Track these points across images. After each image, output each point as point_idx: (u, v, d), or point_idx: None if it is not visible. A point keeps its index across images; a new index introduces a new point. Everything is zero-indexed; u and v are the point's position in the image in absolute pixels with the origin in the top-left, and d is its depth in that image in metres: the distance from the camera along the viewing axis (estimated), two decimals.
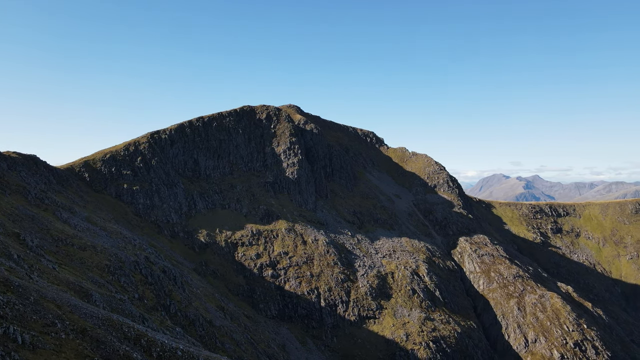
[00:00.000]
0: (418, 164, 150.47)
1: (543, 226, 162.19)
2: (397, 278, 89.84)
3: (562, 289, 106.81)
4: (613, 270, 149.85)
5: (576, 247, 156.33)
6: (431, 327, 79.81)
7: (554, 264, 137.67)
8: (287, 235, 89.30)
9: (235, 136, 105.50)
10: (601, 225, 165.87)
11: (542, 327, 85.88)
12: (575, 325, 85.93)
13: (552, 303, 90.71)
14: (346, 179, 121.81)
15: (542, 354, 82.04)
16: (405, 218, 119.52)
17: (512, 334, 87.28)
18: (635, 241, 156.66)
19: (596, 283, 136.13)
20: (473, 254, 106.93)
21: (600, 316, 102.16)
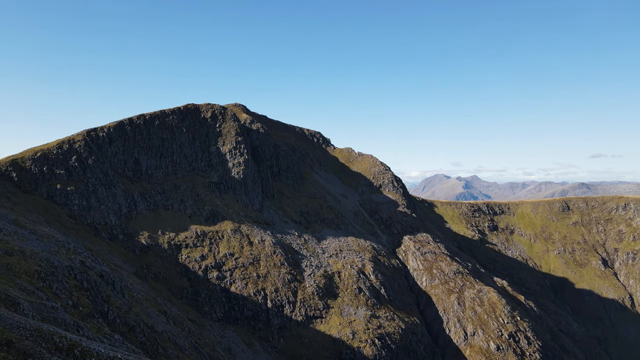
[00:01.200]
0: (364, 165, 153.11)
1: (481, 224, 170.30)
2: (344, 277, 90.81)
3: (498, 284, 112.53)
4: (543, 264, 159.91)
5: (510, 244, 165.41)
6: (377, 324, 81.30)
7: (490, 260, 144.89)
8: (233, 236, 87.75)
9: (179, 135, 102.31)
10: (532, 223, 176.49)
11: (480, 320, 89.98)
12: (510, 317, 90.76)
13: (489, 297, 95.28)
14: (293, 179, 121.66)
15: (479, 346, 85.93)
16: (352, 217, 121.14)
17: (453, 327, 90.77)
18: (562, 237, 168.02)
19: (528, 277, 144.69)
20: (416, 252, 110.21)
21: (532, 308, 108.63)
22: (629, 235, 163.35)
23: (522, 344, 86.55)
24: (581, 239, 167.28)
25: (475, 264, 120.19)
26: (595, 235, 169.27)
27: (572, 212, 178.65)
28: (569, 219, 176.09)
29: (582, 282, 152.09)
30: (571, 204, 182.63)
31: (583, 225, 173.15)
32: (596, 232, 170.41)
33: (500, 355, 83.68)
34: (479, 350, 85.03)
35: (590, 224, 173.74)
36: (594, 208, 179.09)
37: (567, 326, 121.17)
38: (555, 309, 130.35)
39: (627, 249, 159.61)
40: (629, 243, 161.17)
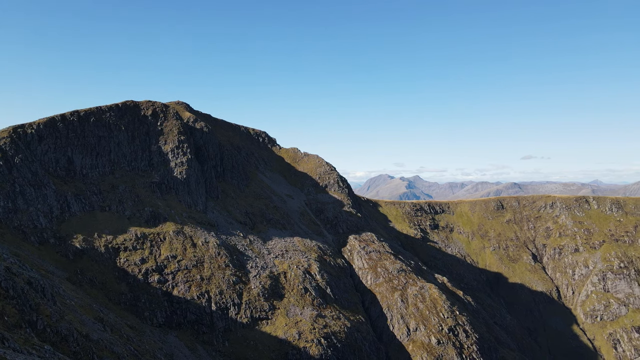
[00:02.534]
0: (310, 165, 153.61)
1: (423, 223, 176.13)
2: (290, 277, 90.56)
3: (439, 280, 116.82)
4: (480, 260, 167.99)
5: (450, 241, 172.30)
6: (323, 323, 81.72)
7: (432, 257, 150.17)
8: (175, 238, 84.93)
9: (117, 133, 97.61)
10: (470, 221, 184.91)
11: (422, 316, 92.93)
12: (450, 312, 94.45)
13: (430, 294, 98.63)
14: (238, 179, 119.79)
15: (421, 341, 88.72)
16: (298, 218, 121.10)
17: (396, 324, 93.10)
18: (496, 234, 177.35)
19: (466, 273, 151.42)
20: (362, 251, 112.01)
21: (470, 302, 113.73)
22: (555, 231, 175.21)
23: (460, 337, 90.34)
24: (514, 235, 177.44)
25: (417, 262, 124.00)
26: (526, 232, 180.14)
27: (505, 210, 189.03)
28: (503, 217, 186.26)
29: (515, 276, 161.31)
30: (505, 203, 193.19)
31: (515, 223, 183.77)
32: (527, 229, 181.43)
33: (441, 348, 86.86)
34: (421, 345, 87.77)
35: (521, 221, 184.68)
36: (525, 207, 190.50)
37: (501, 319, 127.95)
38: (490, 302, 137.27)
39: (554, 244, 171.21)
40: (555, 239, 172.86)
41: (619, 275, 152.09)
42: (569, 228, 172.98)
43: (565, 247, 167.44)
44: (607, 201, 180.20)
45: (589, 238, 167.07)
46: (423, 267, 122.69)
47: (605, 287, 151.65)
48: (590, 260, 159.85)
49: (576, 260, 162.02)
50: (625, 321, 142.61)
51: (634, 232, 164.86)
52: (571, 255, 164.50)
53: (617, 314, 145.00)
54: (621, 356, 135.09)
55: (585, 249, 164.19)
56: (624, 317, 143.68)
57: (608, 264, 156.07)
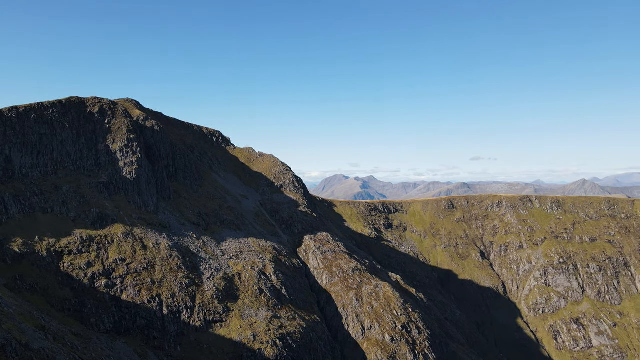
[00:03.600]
0: (265, 165, 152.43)
1: (377, 222, 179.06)
2: (245, 279, 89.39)
3: (393, 278, 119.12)
4: (431, 258, 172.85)
5: (404, 240, 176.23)
6: (278, 324, 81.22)
7: (386, 256, 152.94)
8: (124, 241, 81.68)
9: (61, 131, 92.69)
10: (423, 220, 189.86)
11: (377, 314, 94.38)
12: (403, 310, 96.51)
13: (384, 292, 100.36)
14: (191, 179, 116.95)
15: (376, 338, 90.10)
16: (252, 218, 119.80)
17: (351, 323, 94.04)
18: (447, 233, 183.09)
19: (419, 271, 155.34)
20: (317, 251, 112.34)
21: (422, 300, 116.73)
22: (501, 229, 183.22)
23: (413, 334, 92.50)
24: (463, 234, 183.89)
25: (372, 261, 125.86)
26: (475, 230, 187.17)
27: (456, 209, 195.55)
28: (454, 216, 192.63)
29: (464, 273, 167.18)
30: (455, 203, 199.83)
31: (465, 222, 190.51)
32: (475, 227, 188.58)
33: (395, 345, 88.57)
34: (375, 343, 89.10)
35: (470, 220, 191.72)
36: (474, 206, 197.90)
37: (451, 314, 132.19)
38: (442, 299, 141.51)
39: (500, 242, 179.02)
40: (501, 237, 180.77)
41: (559, 270, 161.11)
42: (514, 226, 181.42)
43: (511, 244, 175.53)
44: (548, 200, 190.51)
45: (532, 235, 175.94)
46: (377, 266, 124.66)
47: (546, 282, 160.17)
48: (533, 257, 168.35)
49: (520, 257, 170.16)
50: (565, 313, 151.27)
51: (572, 229, 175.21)
52: (516, 252, 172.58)
53: (557, 306, 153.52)
54: (561, 346, 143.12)
55: (529, 245, 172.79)
56: (564, 310, 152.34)
57: (549, 260, 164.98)
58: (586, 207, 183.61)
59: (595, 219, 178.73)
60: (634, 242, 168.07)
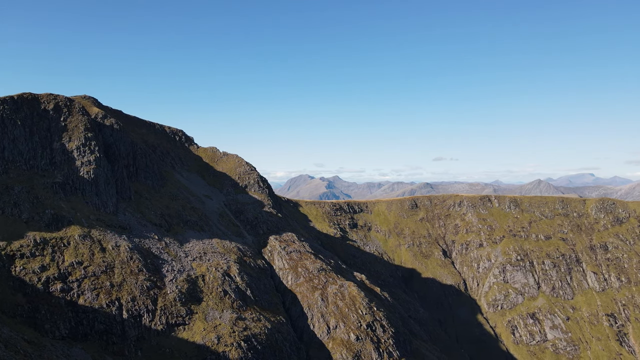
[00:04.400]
0: (229, 164, 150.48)
1: (342, 222, 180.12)
2: (208, 280, 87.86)
3: (358, 278, 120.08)
4: (395, 257, 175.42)
5: (368, 240, 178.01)
6: (243, 326, 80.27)
7: (351, 256, 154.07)
8: (81, 243, 78.59)
9: (12, 128, 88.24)
10: (387, 220, 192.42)
11: (342, 313, 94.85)
12: (368, 308, 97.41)
13: (349, 291, 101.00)
14: (153, 179, 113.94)
15: (341, 338, 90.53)
16: (217, 219, 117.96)
17: (317, 323, 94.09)
18: (411, 232, 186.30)
19: (383, 270, 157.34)
20: (282, 251, 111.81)
21: (387, 298, 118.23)
22: (463, 228, 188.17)
23: (378, 333, 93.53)
24: (426, 233, 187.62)
25: (337, 261, 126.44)
26: (437, 230, 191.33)
27: (419, 209, 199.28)
28: (417, 215, 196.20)
29: (427, 271, 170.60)
30: (419, 202, 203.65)
31: (428, 221, 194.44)
32: (438, 226, 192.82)
33: (360, 344, 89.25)
34: (340, 343, 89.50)
35: (433, 219, 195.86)
36: (437, 205, 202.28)
37: (415, 312, 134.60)
38: (405, 297, 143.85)
39: (462, 240, 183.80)
40: (463, 235, 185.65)
41: (516, 267, 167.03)
42: (474, 225, 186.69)
43: (471, 242, 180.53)
44: (506, 200, 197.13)
45: (491, 234, 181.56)
46: (343, 265, 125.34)
47: (505, 279, 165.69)
48: (492, 254, 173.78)
49: (480, 255, 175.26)
50: (522, 309, 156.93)
51: (529, 228, 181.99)
52: (476, 250, 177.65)
53: (515, 302, 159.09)
54: (518, 341, 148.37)
55: (488, 243, 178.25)
56: (521, 305, 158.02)
57: (507, 257, 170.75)
58: (541, 206, 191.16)
59: (550, 217, 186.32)
60: (585, 240, 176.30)
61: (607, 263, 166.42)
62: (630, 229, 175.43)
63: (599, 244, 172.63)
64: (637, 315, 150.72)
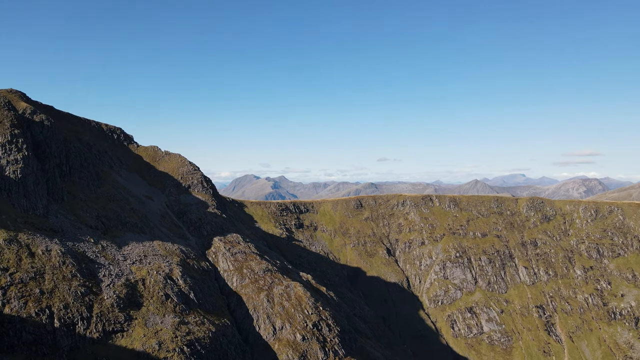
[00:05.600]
0: (171, 164, 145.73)
1: (288, 222, 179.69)
2: (149, 284, 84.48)
3: (304, 278, 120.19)
4: (341, 257, 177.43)
5: (314, 240, 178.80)
6: (185, 330, 77.89)
7: (297, 256, 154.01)
8: (7, 248, 72.90)
9: None
10: (333, 220, 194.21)
11: (288, 314, 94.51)
12: (314, 308, 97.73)
13: (295, 292, 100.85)
14: (88, 179, 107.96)
15: (287, 339, 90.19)
16: (158, 220, 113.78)
17: (262, 324, 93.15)
18: (356, 231, 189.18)
19: (329, 269, 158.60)
20: (227, 252, 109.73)
21: (332, 298, 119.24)
22: (406, 227, 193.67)
23: (324, 332, 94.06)
24: (371, 232, 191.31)
25: (283, 261, 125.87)
26: (381, 229, 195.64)
27: (364, 209, 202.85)
28: (362, 215, 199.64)
29: (372, 270, 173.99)
30: (363, 202, 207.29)
31: (372, 220, 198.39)
32: (382, 225, 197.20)
33: (306, 344, 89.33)
34: (286, 343, 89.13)
35: (378, 219, 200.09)
36: (381, 205, 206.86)
37: (360, 310, 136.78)
38: (351, 295, 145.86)
39: (405, 239, 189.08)
40: (406, 234, 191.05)
41: (456, 264, 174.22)
42: (416, 223, 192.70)
43: (414, 240, 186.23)
44: (446, 199, 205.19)
45: (432, 232, 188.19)
46: (289, 266, 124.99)
47: (445, 275, 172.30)
48: (434, 252, 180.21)
49: (422, 253, 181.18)
50: (460, 303, 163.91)
51: (467, 226, 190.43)
52: (418, 248, 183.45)
53: (454, 297, 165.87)
54: (457, 334, 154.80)
55: (430, 241, 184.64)
56: (459, 300, 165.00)
57: (447, 254, 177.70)
58: (478, 205, 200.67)
59: (486, 215, 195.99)
60: (517, 236, 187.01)
61: (537, 258, 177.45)
62: (556, 226, 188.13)
63: (529, 240, 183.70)
64: (563, 306, 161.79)
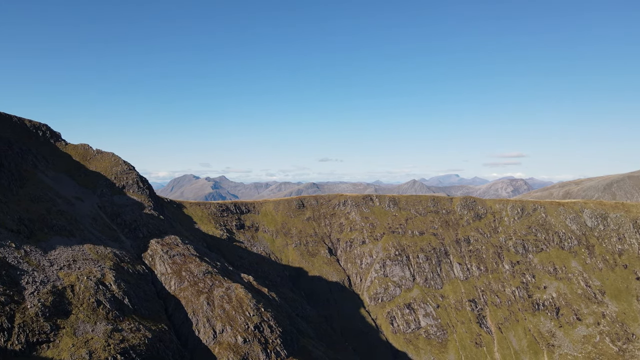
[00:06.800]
0: (104, 163, 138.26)
1: (229, 223, 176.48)
2: (79, 291, 79.43)
3: (245, 279, 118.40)
4: (283, 257, 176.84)
5: (256, 240, 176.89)
6: (119, 338, 74.02)
7: (238, 257, 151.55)
8: None
9: None
10: (274, 220, 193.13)
11: (229, 317, 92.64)
12: (255, 310, 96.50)
13: (236, 294, 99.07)
14: (9, 179, 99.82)
15: (228, 341, 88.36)
16: (89, 223, 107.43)
17: (202, 328, 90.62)
18: (298, 231, 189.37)
19: (271, 270, 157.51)
20: (164, 255, 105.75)
21: (274, 298, 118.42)
22: (347, 227, 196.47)
23: (266, 333, 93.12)
24: (313, 232, 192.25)
25: (224, 263, 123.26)
26: (323, 228, 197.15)
27: (306, 209, 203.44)
28: (304, 215, 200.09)
29: (314, 269, 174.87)
30: (305, 202, 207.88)
31: (314, 220, 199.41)
32: (324, 225, 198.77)
33: (247, 347, 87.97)
34: (227, 346, 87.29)
35: (319, 218, 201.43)
36: (323, 205, 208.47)
37: (302, 310, 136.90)
38: (293, 296, 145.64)
39: (346, 238, 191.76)
40: (347, 233, 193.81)
41: (395, 262, 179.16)
42: (357, 223, 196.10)
43: (355, 240, 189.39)
44: (386, 199, 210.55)
45: (373, 231, 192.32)
46: (229, 267, 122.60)
47: (384, 273, 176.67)
48: (374, 250, 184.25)
49: (363, 251, 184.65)
50: (399, 300, 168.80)
51: (405, 225, 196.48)
52: (359, 247, 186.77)
53: (393, 294, 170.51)
54: (396, 330, 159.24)
55: (370, 240, 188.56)
56: (398, 297, 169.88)
57: (387, 253, 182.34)
58: (416, 204, 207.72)
59: (423, 214, 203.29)
60: (452, 234, 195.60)
61: (470, 254, 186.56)
62: (487, 224, 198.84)
63: (463, 238, 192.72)
64: (492, 299, 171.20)
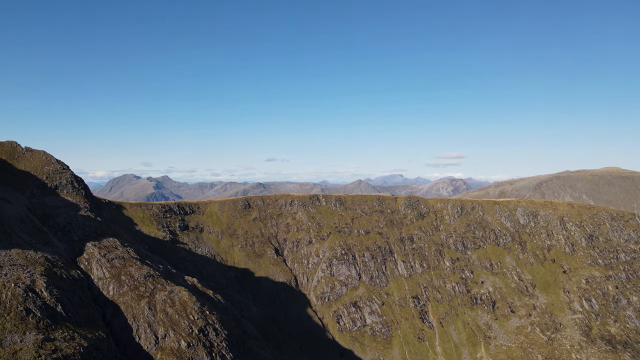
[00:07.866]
0: (34, 162, 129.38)
1: (172, 224, 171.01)
2: (5, 299, 73.58)
3: (189, 282, 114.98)
4: (229, 258, 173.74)
5: (200, 242, 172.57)
6: (51, 348, 69.31)
7: (182, 259, 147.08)
8: None
9: None
10: (220, 221, 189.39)
11: (172, 321, 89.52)
12: (200, 313, 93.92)
13: (180, 297, 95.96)
14: None
15: (171, 347, 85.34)
16: (17, 226, 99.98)
17: (143, 334, 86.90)
18: (244, 232, 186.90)
19: (216, 272, 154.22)
20: (102, 258, 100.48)
21: (220, 301, 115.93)
22: (294, 226, 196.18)
23: (210, 336, 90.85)
24: (259, 232, 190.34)
25: (167, 265, 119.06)
26: (270, 229, 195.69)
27: (252, 209, 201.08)
28: (250, 215, 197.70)
29: (261, 270, 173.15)
30: (251, 202, 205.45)
31: (261, 221, 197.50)
32: (270, 225, 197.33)
33: (191, 351, 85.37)
34: (170, 352, 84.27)
35: (266, 219, 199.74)
36: (269, 205, 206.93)
37: (248, 312, 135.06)
38: (239, 297, 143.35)
39: (293, 238, 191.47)
40: (294, 233, 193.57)
41: (341, 261, 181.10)
42: (304, 223, 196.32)
43: (302, 240, 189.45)
44: (332, 199, 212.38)
45: (319, 231, 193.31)
46: (173, 270, 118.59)
47: (331, 272, 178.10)
48: (321, 250, 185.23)
49: (310, 251, 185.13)
50: (345, 299, 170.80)
51: (352, 224, 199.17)
52: (306, 246, 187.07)
53: (340, 293, 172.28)
54: (342, 328, 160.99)
55: (317, 240, 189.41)
56: (345, 296, 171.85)
57: (333, 252, 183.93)
58: (362, 204, 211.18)
59: (369, 214, 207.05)
60: (396, 233, 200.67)
61: (413, 252, 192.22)
62: (429, 222, 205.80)
63: (406, 236, 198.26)
64: (434, 295, 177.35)
